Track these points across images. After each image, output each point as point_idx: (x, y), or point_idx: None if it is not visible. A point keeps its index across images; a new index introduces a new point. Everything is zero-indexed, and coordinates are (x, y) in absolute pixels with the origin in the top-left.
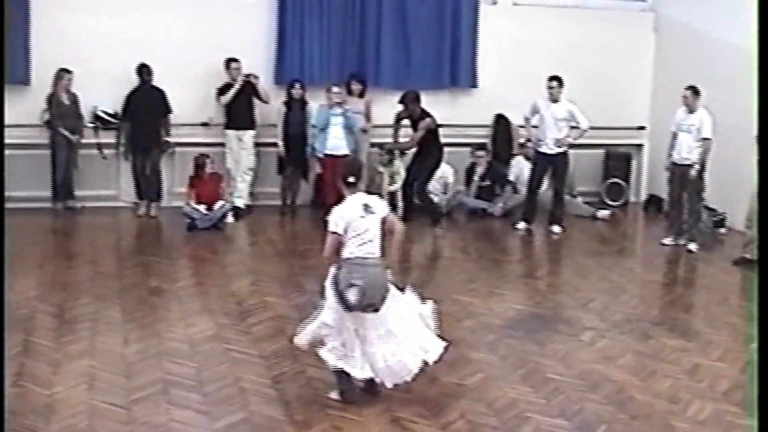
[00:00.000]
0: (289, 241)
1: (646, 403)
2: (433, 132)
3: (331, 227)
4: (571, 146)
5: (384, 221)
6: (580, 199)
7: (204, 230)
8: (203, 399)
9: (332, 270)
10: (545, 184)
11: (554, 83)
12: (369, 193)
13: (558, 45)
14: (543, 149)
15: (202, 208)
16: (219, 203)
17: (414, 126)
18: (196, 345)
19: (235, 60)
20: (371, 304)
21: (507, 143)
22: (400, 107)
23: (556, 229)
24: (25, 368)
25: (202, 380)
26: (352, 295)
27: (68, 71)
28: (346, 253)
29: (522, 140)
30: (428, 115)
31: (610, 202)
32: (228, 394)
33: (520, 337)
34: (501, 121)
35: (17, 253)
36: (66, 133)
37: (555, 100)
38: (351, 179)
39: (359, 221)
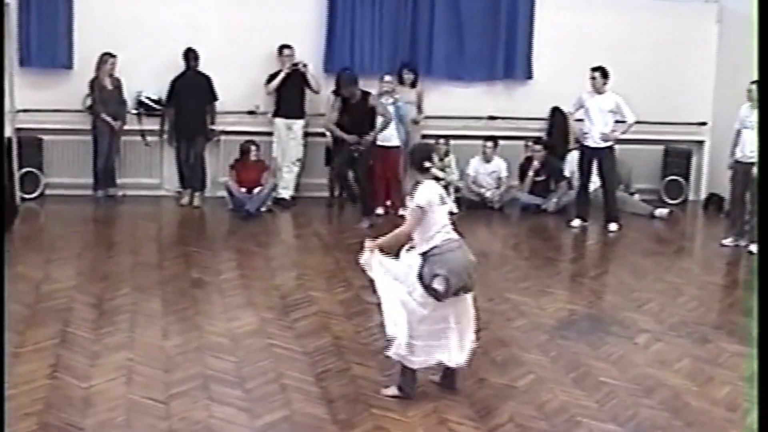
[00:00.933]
0: (336, 234)
1: (703, 410)
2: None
3: (418, 201)
4: (627, 141)
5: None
6: (637, 197)
7: (249, 219)
8: (244, 395)
9: (408, 257)
10: (599, 182)
11: (597, 74)
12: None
13: (616, 36)
14: (588, 142)
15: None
16: (258, 189)
17: (351, 111)
18: (237, 339)
19: (287, 46)
20: (463, 286)
21: (563, 137)
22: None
23: (612, 227)
24: (61, 360)
25: (243, 376)
26: (438, 285)
27: (112, 55)
28: (424, 247)
29: (578, 134)
30: (368, 94)
31: (669, 201)
32: (269, 391)
33: (572, 338)
34: (557, 114)
35: (56, 241)
36: (108, 119)
37: (599, 92)
38: (427, 164)
39: (437, 208)
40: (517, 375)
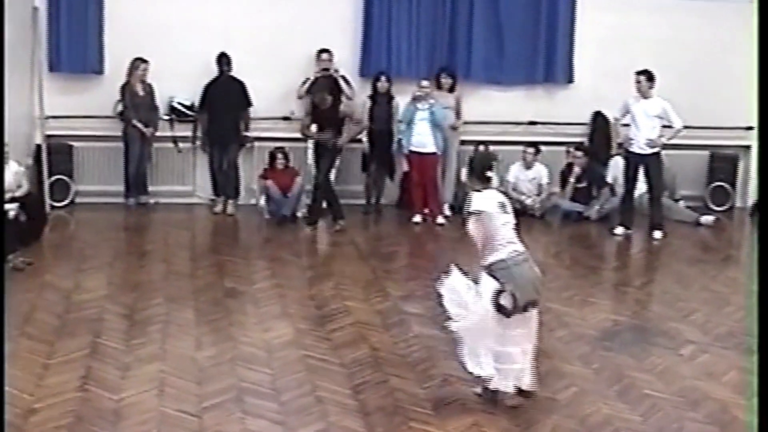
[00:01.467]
0: (373, 242)
1: (751, 424)
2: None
3: (477, 207)
4: (671, 147)
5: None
6: (682, 204)
7: (284, 227)
8: (279, 408)
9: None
10: (644, 188)
11: (642, 78)
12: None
13: (659, 37)
14: (634, 149)
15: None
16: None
17: (319, 117)
18: (272, 351)
19: (325, 51)
20: (530, 301)
21: (605, 142)
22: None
23: (656, 234)
24: (92, 371)
25: (278, 388)
26: (504, 301)
27: (144, 61)
28: (489, 259)
29: (620, 139)
30: (340, 102)
31: (715, 207)
32: (305, 403)
33: (615, 349)
34: (599, 118)
35: (86, 250)
36: (140, 125)
37: (645, 97)
38: (489, 173)
39: (498, 217)
40: (558, 387)
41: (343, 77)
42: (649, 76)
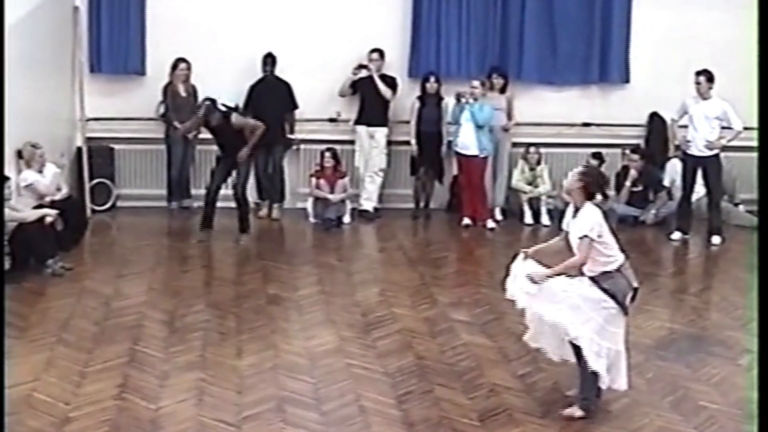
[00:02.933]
0: (421, 247)
1: None
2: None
3: (584, 231)
4: (730, 149)
5: None
6: (741, 208)
7: (330, 232)
8: (321, 418)
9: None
10: (702, 191)
11: (701, 78)
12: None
13: (718, 36)
14: (692, 151)
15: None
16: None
17: (216, 135)
18: (315, 359)
19: (375, 50)
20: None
21: (662, 144)
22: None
23: (715, 240)
24: (130, 379)
25: (320, 398)
26: (629, 300)
27: (185, 61)
28: (599, 269)
29: (678, 142)
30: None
31: None
32: (348, 413)
33: (670, 359)
34: (655, 119)
35: (127, 255)
36: (181, 127)
37: (704, 97)
38: (606, 192)
39: (607, 230)
40: (610, 398)
41: (385, 77)
42: (708, 76)
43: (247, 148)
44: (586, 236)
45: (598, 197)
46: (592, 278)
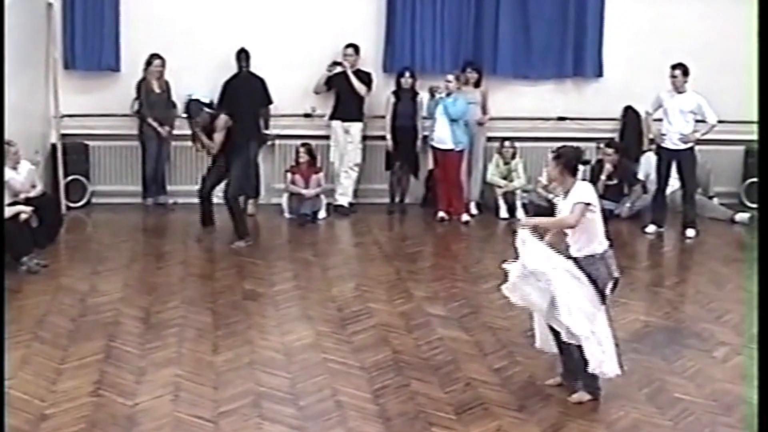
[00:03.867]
0: (397, 242)
1: None
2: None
3: (585, 198)
4: (705, 142)
5: None
6: (716, 201)
7: (305, 228)
8: (297, 413)
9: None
10: (676, 185)
11: (677, 72)
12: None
13: (692, 29)
14: (666, 144)
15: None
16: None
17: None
18: (291, 354)
19: (349, 45)
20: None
21: (636, 138)
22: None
23: (689, 233)
24: (106, 376)
25: (297, 393)
26: (609, 290)
27: (159, 57)
28: (584, 251)
29: (652, 135)
30: (216, 114)
31: (750, 204)
32: (324, 408)
33: (645, 352)
34: (630, 113)
35: (103, 252)
36: (155, 124)
37: (679, 91)
38: (581, 166)
39: (598, 210)
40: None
41: (360, 72)
42: (684, 69)
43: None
44: (581, 202)
45: (580, 167)
46: (576, 260)
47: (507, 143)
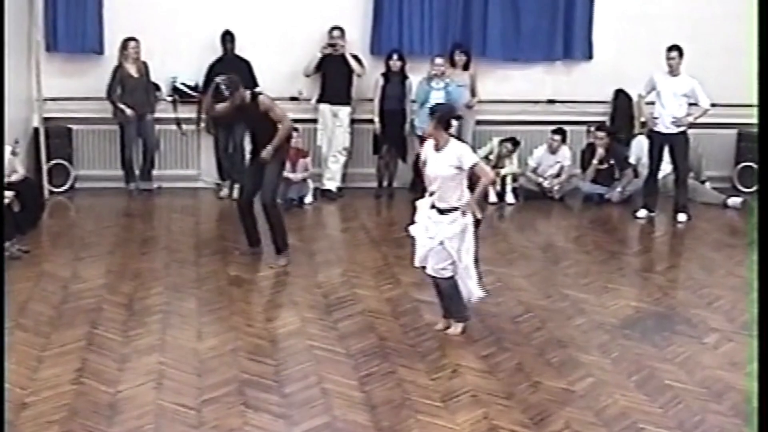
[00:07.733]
0: (385, 227)
1: None
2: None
3: (477, 157)
4: (697, 126)
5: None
6: (708, 185)
7: (292, 211)
8: (282, 401)
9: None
10: (668, 169)
11: (673, 53)
12: None
13: (684, 11)
14: (659, 128)
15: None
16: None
17: (246, 118)
18: (276, 341)
19: (335, 28)
20: None
21: (627, 121)
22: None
23: (681, 217)
24: (88, 364)
25: (282, 380)
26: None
27: (134, 39)
28: (455, 204)
29: (644, 118)
30: (257, 94)
31: (743, 189)
32: (309, 396)
33: (636, 338)
34: (620, 96)
35: (86, 238)
36: (122, 106)
37: (675, 74)
38: (454, 121)
39: None
40: (574, 378)
41: (354, 55)
42: (680, 52)
43: (271, 146)
44: (477, 163)
45: (453, 122)
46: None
47: (509, 145)
